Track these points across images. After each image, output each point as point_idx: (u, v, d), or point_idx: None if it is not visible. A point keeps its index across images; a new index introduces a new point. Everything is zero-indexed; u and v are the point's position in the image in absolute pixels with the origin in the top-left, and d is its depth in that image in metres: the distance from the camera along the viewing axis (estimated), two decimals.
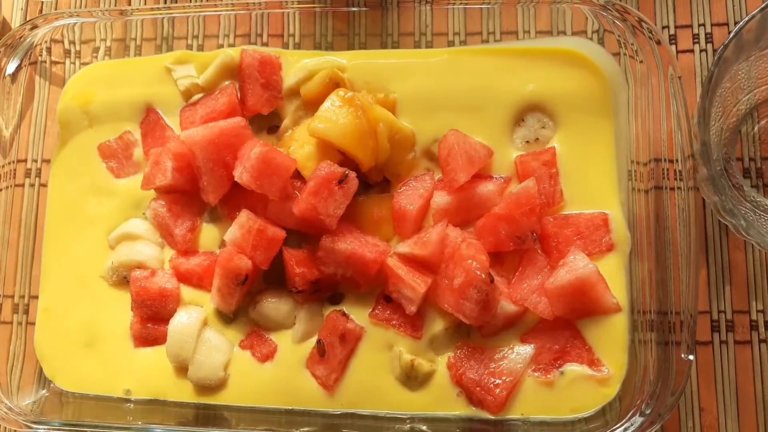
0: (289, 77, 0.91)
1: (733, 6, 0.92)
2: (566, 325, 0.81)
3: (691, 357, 0.75)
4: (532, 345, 0.81)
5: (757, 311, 0.86)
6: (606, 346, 0.81)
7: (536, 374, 0.81)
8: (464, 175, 0.82)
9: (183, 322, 0.87)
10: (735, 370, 0.85)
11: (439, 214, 0.84)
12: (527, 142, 0.87)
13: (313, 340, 0.85)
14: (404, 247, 0.83)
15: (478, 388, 0.80)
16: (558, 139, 0.86)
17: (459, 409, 0.82)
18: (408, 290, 0.81)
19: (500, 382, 0.80)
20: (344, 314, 0.85)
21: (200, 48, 0.99)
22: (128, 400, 0.89)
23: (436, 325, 0.83)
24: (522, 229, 0.81)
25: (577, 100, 0.86)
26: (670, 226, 0.79)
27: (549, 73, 0.87)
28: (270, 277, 0.87)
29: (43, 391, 0.93)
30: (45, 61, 0.99)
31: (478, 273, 0.78)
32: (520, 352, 0.81)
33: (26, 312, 0.96)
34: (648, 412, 0.75)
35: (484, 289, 0.77)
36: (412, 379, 0.82)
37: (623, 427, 0.76)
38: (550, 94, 0.86)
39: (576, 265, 0.79)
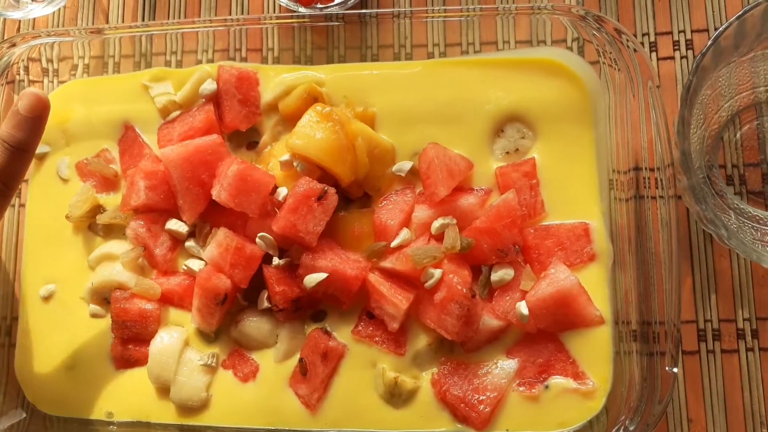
0: (267, 93, 0.90)
1: (713, 12, 0.92)
2: (550, 338, 0.80)
3: (675, 369, 0.74)
4: (516, 359, 0.80)
5: (744, 319, 0.85)
6: (590, 359, 0.80)
7: (521, 389, 0.80)
8: (445, 189, 0.81)
9: (164, 342, 0.86)
10: (723, 380, 0.85)
11: (421, 228, 0.83)
12: (507, 153, 0.86)
13: (296, 358, 0.84)
14: (386, 263, 0.83)
15: (462, 405, 0.79)
16: (538, 150, 0.85)
17: (444, 426, 0.81)
18: (390, 307, 0.80)
19: (484, 398, 0.79)
20: (326, 332, 0.84)
21: (179, 64, 0.98)
22: (111, 423, 0.88)
23: (420, 341, 0.82)
24: (504, 242, 0.80)
25: (556, 109, 0.85)
26: (651, 235, 0.78)
27: (528, 83, 0.86)
28: (251, 296, 0.86)
29: (26, 415, 0.92)
30: (23, 80, 0.99)
31: (460, 288, 0.77)
32: (503, 366, 0.80)
33: (8, 334, 0.95)
34: (632, 428, 0.74)
35: (466, 305, 0.77)
36: (396, 396, 0.81)
37: None
38: (529, 105, 0.86)
39: (557, 277, 0.78)
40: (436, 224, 0.81)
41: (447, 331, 0.78)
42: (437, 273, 0.79)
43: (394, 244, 0.82)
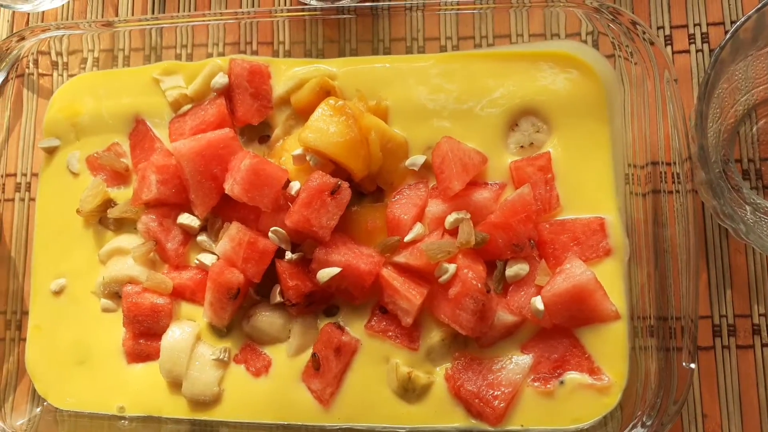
0: (279, 86, 0.89)
1: (729, 5, 0.91)
2: (565, 334, 0.80)
3: (692, 365, 0.73)
4: (531, 355, 0.80)
5: (759, 315, 0.85)
6: (606, 354, 0.79)
7: (536, 384, 0.79)
8: (459, 183, 0.81)
9: (176, 337, 0.86)
10: (738, 376, 0.84)
11: (434, 222, 0.83)
12: (521, 146, 0.85)
13: (309, 353, 0.84)
14: (400, 258, 0.82)
15: (476, 400, 0.78)
16: (553, 143, 0.84)
17: (458, 421, 0.80)
18: (404, 302, 0.80)
19: (499, 393, 0.78)
20: (339, 327, 0.83)
21: (189, 57, 0.97)
22: (123, 417, 0.88)
23: (433, 336, 0.82)
24: (519, 237, 0.79)
25: (571, 103, 0.84)
26: (668, 230, 0.78)
27: (543, 76, 0.85)
28: (263, 290, 0.86)
29: (38, 410, 0.92)
30: (32, 74, 0.98)
31: (474, 283, 0.76)
32: (518, 362, 0.80)
33: (19, 329, 0.95)
34: (649, 423, 0.74)
35: (481, 300, 0.76)
36: (410, 391, 0.81)
37: None
38: (543, 98, 0.85)
39: (573, 272, 0.78)
40: (450, 219, 0.81)
41: (461, 326, 0.77)
42: (452, 268, 0.78)
43: (407, 238, 0.82)
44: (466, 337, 0.81)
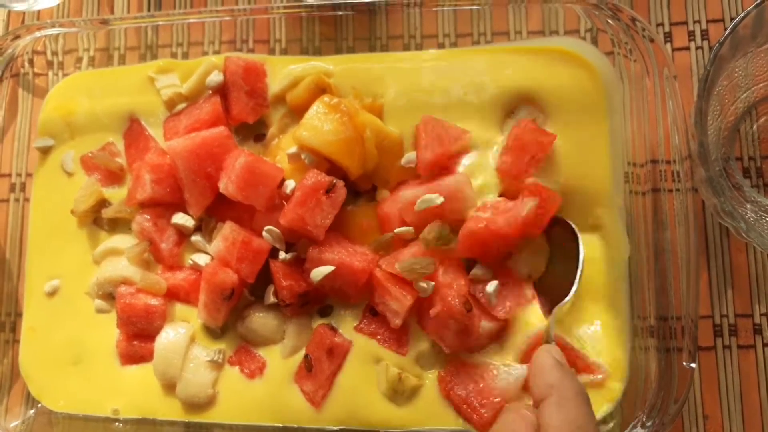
0: (275, 84, 0.88)
1: (729, 2, 0.90)
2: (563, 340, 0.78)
3: (693, 365, 0.72)
4: (527, 366, 0.76)
5: (761, 314, 0.84)
6: (605, 355, 0.78)
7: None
8: (429, 153, 0.79)
9: (170, 338, 0.85)
10: (739, 376, 0.83)
11: (407, 208, 0.80)
12: None
13: (302, 354, 0.82)
14: (385, 264, 0.80)
15: (464, 406, 0.77)
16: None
17: (449, 423, 0.78)
18: (394, 302, 0.78)
19: (486, 402, 0.76)
20: (332, 327, 0.82)
21: (185, 56, 0.97)
22: (117, 420, 0.87)
23: (422, 342, 0.80)
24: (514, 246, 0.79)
25: (570, 100, 0.83)
26: (668, 229, 0.77)
27: (541, 73, 0.84)
28: (257, 291, 0.85)
29: (32, 412, 0.91)
30: (27, 73, 0.97)
31: (455, 303, 0.75)
32: (512, 372, 0.77)
33: (13, 330, 0.94)
34: (649, 424, 0.73)
35: (462, 321, 0.75)
36: (399, 393, 0.79)
37: None
38: (542, 91, 0.83)
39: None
40: (421, 203, 0.78)
41: (445, 344, 0.77)
42: (430, 287, 0.77)
43: (397, 231, 0.80)
44: None
